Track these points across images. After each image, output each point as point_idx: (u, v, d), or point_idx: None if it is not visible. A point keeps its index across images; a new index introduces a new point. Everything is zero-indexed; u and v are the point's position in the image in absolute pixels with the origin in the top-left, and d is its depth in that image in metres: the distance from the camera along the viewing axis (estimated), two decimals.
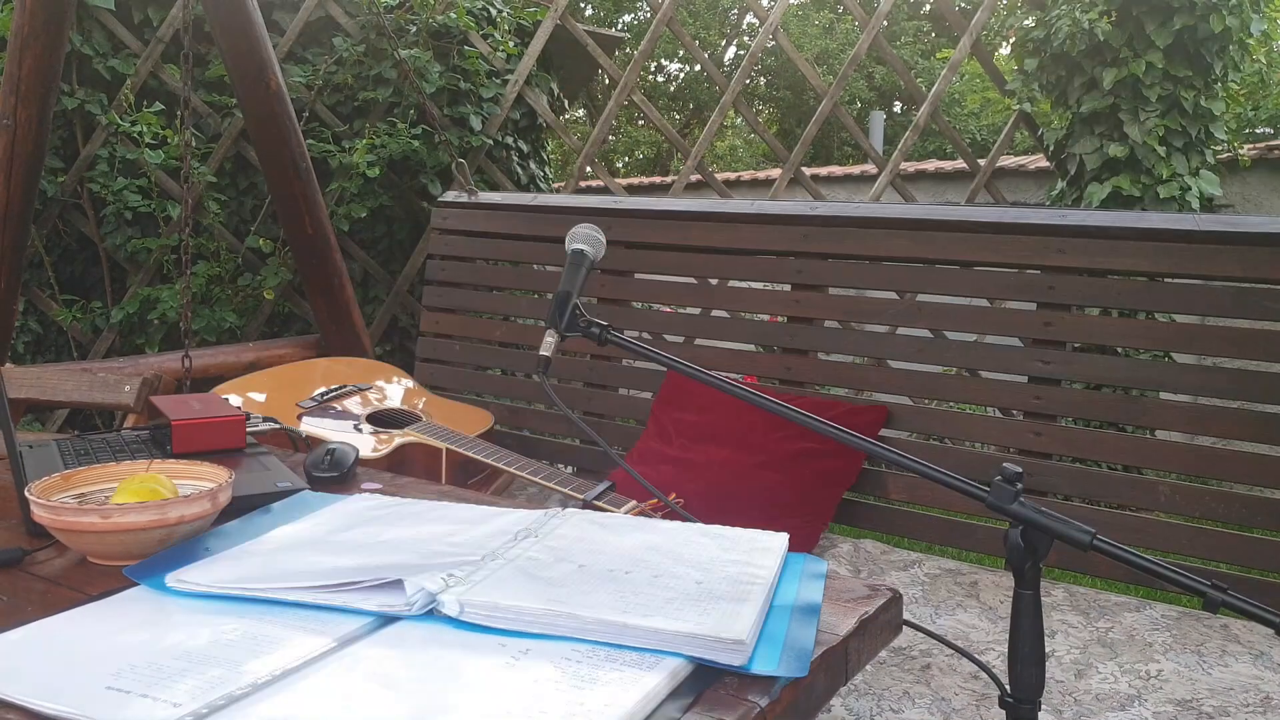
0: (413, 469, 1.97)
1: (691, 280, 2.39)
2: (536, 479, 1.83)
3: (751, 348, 2.30)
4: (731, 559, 0.92)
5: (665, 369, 2.25)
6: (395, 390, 2.42)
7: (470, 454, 1.95)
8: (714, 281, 2.43)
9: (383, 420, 2.19)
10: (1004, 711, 0.90)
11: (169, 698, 0.67)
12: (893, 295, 2.18)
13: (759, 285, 2.37)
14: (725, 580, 0.86)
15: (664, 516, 1.63)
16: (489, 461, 1.92)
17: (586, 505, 1.67)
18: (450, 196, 2.87)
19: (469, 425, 2.21)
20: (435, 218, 2.81)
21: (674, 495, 1.72)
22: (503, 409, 2.56)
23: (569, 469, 2.61)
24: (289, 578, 0.86)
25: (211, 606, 0.84)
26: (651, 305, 2.76)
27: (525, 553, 0.92)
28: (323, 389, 2.30)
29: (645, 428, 2.24)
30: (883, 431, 2.05)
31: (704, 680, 0.73)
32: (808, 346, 2.19)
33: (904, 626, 0.96)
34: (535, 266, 2.69)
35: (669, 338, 2.69)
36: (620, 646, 0.75)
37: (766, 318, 2.43)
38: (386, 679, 0.70)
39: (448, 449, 1.98)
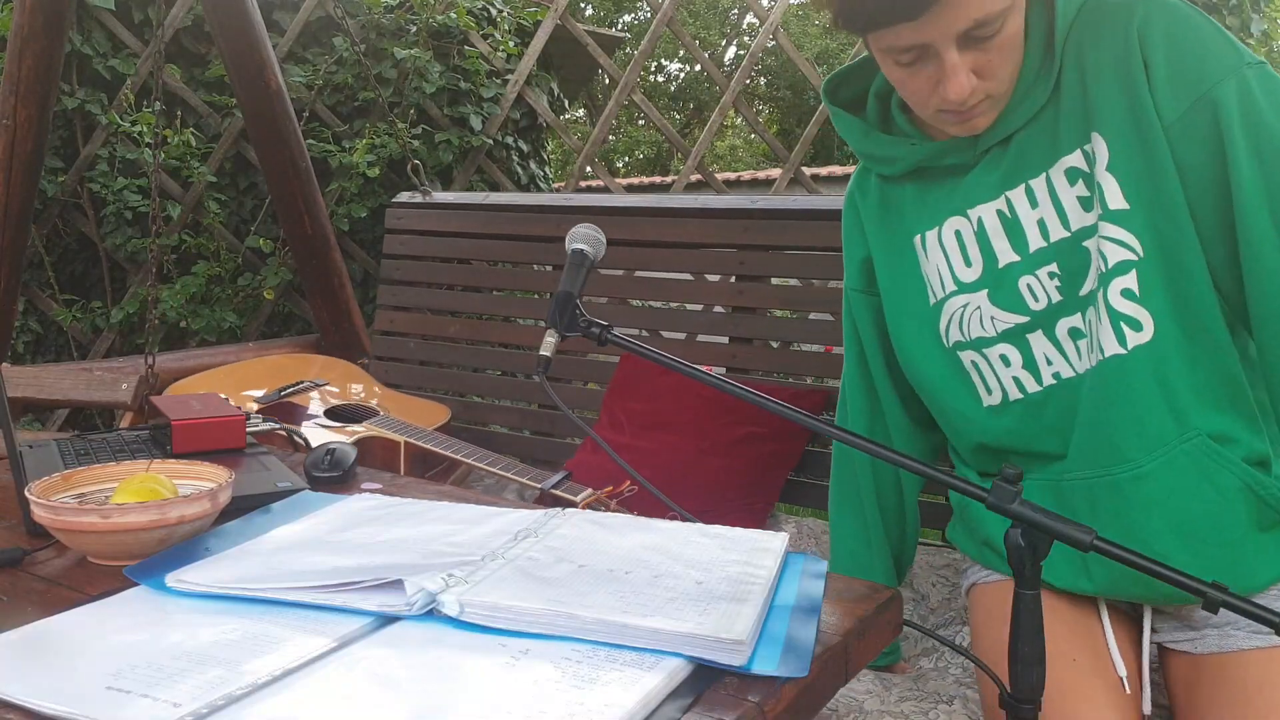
0: (372, 462, 1.98)
1: (678, 276, 2.43)
2: (494, 470, 1.85)
3: (725, 340, 2.35)
4: (731, 559, 0.92)
5: (617, 359, 2.29)
6: (352, 386, 2.43)
7: (428, 446, 1.97)
8: (660, 275, 2.46)
9: (341, 415, 2.20)
10: (1004, 711, 0.90)
11: (169, 698, 0.67)
12: (831, 283, 2.25)
13: (692, 277, 2.41)
14: (725, 580, 0.86)
15: (619, 504, 1.66)
16: (447, 454, 1.94)
17: (544, 494, 1.69)
18: (404, 197, 2.89)
19: (426, 419, 2.23)
20: (389, 218, 2.84)
21: (628, 482, 1.74)
22: (458, 404, 2.59)
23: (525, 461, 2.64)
24: (289, 578, 0.86)
25: (211, 606, 0.84)
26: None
27: (525, 553, 0.92)
28: (280, 386, 2.31)
29: (597, 418, 2.28)
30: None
31: (704, 680, 0.73)
32: (751, 335, 2.27)
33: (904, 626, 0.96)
34: (488, 264, 2.72)
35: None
36: (620, 647, 0.75)
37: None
38: (386, 679, 0.70)
39: (406, 442, 2.00)
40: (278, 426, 1.62)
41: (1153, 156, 0.99)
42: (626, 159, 16.32)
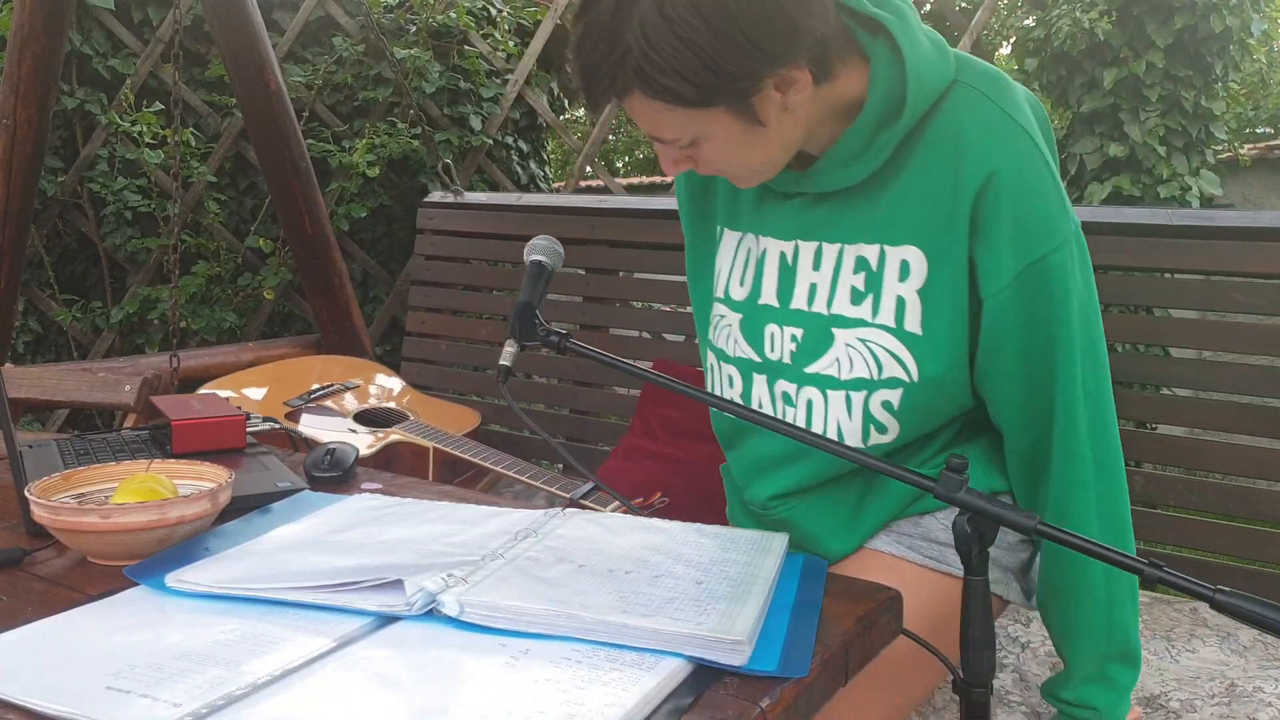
0: (400, 467, 1.98)
1: (678, 278, 2.40)
2: (522, 478, 1.84)
3: None
4: (732, 559, 0.92)
5: (650, 363, 2.27)
6: (383, 389, 2.42)
7: (457, 453, 1.96)
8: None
9: (371, 419, 2.19)
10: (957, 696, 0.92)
11: (169, 698, 0.67)
12: None
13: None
14: (725, 580, 0.86)
15: (648, 515, 1.64)
16: (475, 460, 1.93)
17: (572, 504, 1.68)
18: (436, 197, 2.88)
19: (456, 424, 2.22)
20: (421, 218, 2.82)
21: (659, 494, 1.73)
22: (489, 407, 2.57)
23: (557, 466, 2.61)
24: (289, 578, 0.86)
25: (211, 606, 0.84)
26: (653, 305, 2.77)
27: (525, 553, 0.92)
28: (311, 387, 2.30)
29: (630, 425, 2.25)
30: None
31: (704, 680, 0.73)
32: None
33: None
34: (517, 265, 2.71)
35: (668, 336, 2.70)
36: (620, 647, 0.75)
37: None
38: (386, 679, 0.70)
39: (435, 447, 1.99)
40: (277, 426, 1.62)
41: (959, 292, 1.03)
42: (626, 159, 16.30)
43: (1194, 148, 4.41)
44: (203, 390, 2.24)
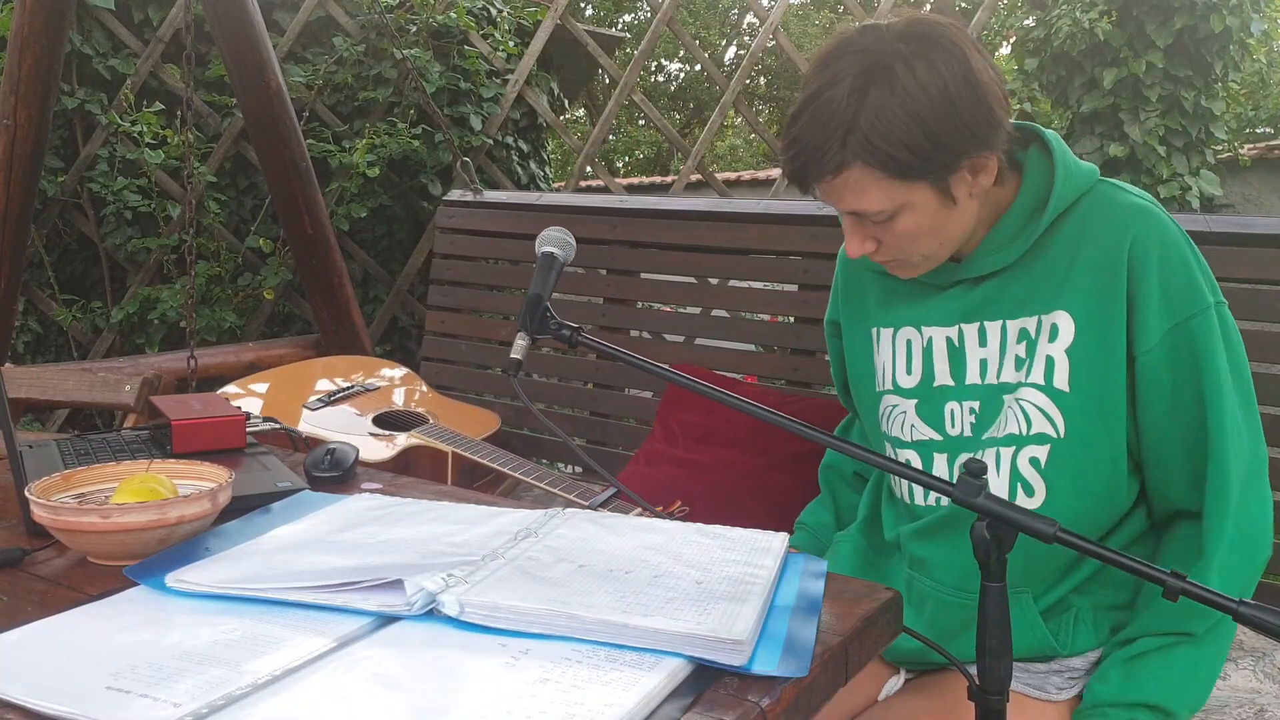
0: (419, 472, 1.97)
1: (695, 280, 2.38)
2: (541, 484, 1.83)
3: (751, 347, 2.28)
4: (731, 559, 0.92)
5: (666, 365, 2.25)
6: (402, 391, 2.41)
7: (475, 458, 1.95)
8: (714, 281, 2.42)
9: (389, 422, 2.18)
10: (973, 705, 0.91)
11: (169, 698, 0.67)
12: None
13: (761, 286, 2.35)
14: (725, 580, 0.86)
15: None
16: (494, 465, 1.92)
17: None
18: (455, 195, 2.86)
19: (475, 427, 2.20)
20: (440, 216, 2.80)
21: (679, 503, 1.71)
22: (508, 409, 2.55)
23: (575, 470, 2.60)
24: (289, 578, 0.86)
25: (211, 606, 0.84)
26: (652, 305, 2.76)
27: (525, 553, 0.92)
28: (330, 389, 2.29)
29: (651, 429, 2.22)
30: None
31: (704, 680, 0.73)
32: (816, 347, 2.16)
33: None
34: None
35: (669, 337, 2.69)
36: (620, 647, 0.75)
37: (767, 317, 2.41)
38: (386, 679, 0.70)
39: (453, 452, 1.98)
40: (278, 426, 1.62)
41: (1111, 354, 1.10)
42: (626, 159, 16.30)
43: (1194, 148, 4.41)
44: (222, 391, 2.23)
